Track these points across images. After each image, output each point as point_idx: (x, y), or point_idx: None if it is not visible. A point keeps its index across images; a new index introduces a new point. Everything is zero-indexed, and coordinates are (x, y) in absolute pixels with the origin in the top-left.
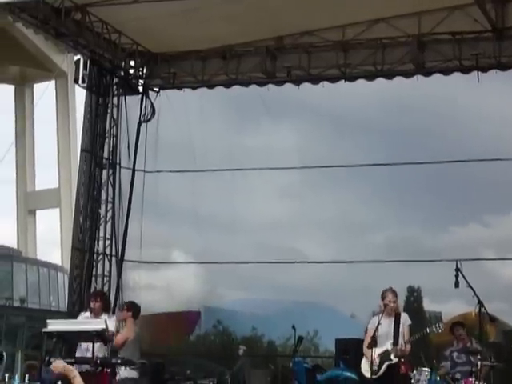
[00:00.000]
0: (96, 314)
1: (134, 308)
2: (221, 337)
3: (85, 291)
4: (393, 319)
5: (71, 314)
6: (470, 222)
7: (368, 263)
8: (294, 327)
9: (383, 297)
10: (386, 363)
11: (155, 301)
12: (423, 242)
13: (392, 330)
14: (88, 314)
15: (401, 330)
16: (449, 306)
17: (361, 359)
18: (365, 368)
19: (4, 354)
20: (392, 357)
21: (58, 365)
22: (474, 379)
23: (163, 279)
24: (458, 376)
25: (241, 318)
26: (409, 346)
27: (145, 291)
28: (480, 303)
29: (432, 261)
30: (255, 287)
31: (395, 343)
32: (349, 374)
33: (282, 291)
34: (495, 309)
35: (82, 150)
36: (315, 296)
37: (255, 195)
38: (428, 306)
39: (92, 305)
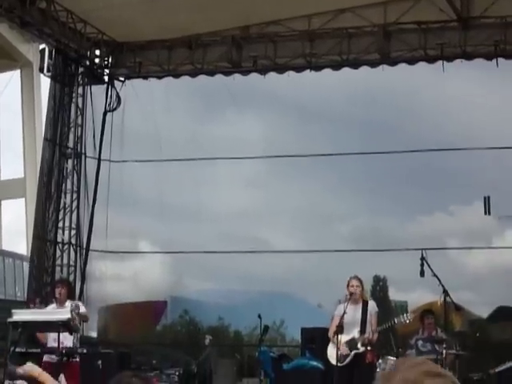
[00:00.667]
0: (61, 302)
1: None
2: (187, 326)
3: (49, 281)
4: (360, 307)
5: (31, 303)
6: (436, 212)
7: (334, 252)
8: (259, 316)
9: (348, 284)
10: (353, 352)
11: (121, 291)
12: (389, 232)
13: (359, 318)
14: (54, 305)
15: (368, 318)
16: (414, 295)
17: (326, 348)
18: (331, 355)
19: None
20: (359, 345)
21: (30, 369)
22: None
23: (129, 269)
24: None
25: (207, 308)
26: (376, 335)
27: (111, 281)
28: (445, 292)
29: (397, 250)
30: (222, 277)
31: (362, 331)
32: (315, 363)
33: (248, 281)
34: (461, 298)
35: (44, 140)
36: (281, 286)
37: (221, 185)
38: (394, 295)
39: (57, 292)
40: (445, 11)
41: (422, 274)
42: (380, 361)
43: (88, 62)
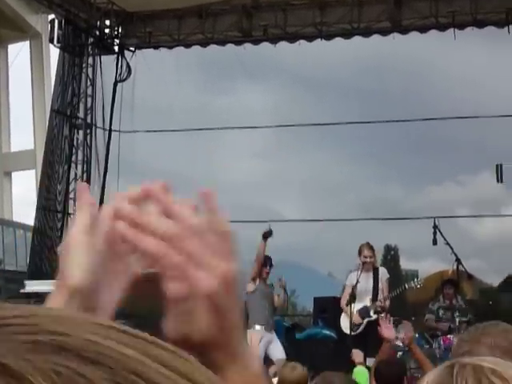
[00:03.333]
0: None
1: None
2: None
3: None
4: (371, 274)
5: (33, 274)
6: (445, 181)
7: (344, 222)
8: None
9: (360, 252)
10: (366, 319)
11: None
12: (398, 201)
13: (371, 286)
14: None
15: (380, 285)
16: (425, 264)
17: (339, 317)
18: (344, 325)
19: None
20: (371, 313)
21: None
22: (452, 336)
23: None
24: (438, 333)
25: None
26: (388, 302)
27: None
28: (458, 260)
29: (409, 218)
30: None
31: (374, 299)
32: (328, 332)
33: None
34: (471, 266)
35: (52, 111)
36: (292, 255)
37: (232, 155)
38: (405, 264)
39: None
40: None
41: (435, 242)
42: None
43: (98, 32)
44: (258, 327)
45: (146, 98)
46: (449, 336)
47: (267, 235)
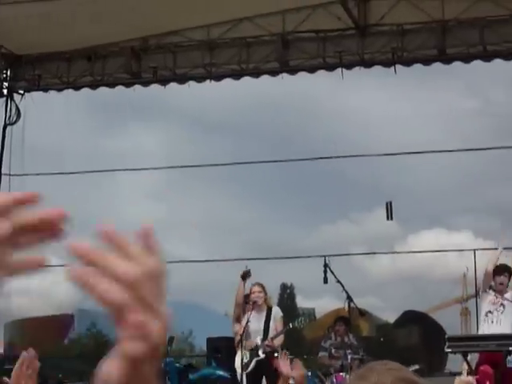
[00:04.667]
0: None
1: None
2: (95, 339)
3: None
4: (264, 314)
5: None
6: (338, 220)
7: (240, 261)
8: None
9: (250, 292)
10: (255, 359)
11: (29, 305)
12: (294, 240)
13: (262, 325)
14: None
15: (272, 324)
16: (321, 301)
17: (233, 357)
18: (238, 365)
19: None
20: (260, 352)
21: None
22: (344, 373)
23: (36, 283)
24: (331, 370)
25: None
26: (280, 339)
27: (17, 296)
28: (349, 298)
29: (301, 257)
30: None
31: (264, 338)
32: (221, 372)
33: None
34: (368, 303)
35: None
36: (188, 295)
37: (124, 196)
38: (301, 302)
39: None
40: (342, 19)
41: (326, 280)
42: None
43: None
44: None
45: (37, 141)
46: (341, 373)
47: (245, 276)
